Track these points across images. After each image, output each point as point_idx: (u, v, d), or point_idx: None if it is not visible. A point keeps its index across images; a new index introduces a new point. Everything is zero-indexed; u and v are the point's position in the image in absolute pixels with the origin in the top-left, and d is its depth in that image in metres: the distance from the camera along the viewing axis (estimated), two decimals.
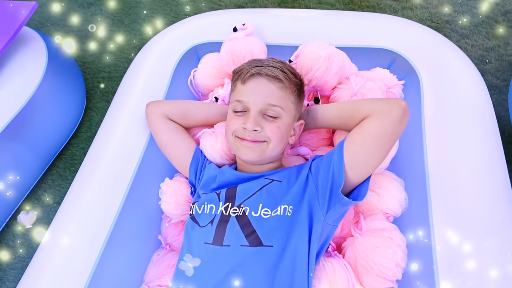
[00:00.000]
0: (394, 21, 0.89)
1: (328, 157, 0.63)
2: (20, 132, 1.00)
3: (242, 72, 0.66)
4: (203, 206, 0.65)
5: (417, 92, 0.79)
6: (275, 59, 0.68)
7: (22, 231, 1.03)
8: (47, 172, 1.11)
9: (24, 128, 0.99)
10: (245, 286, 0.54)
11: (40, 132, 1.07)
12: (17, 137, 1.00)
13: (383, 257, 0.57)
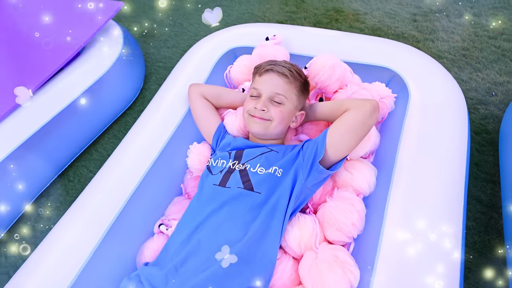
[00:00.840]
0: (399, 47, 1.07)
1: (316, 138, 0.82)
2: (92, 97, 1.30)
3: (260, 67, 0.88)
4: (217, 160, 0.87)
5: (404, 104, 0.95)
6: (287, 61, 0.90)
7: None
8: (105, 132, 1.41)
9: (96, 94, 1.29)
10: (234, 216, 0.74)
11: (106, 100, 1.37)
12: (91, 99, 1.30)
13: (343, 216, 0.74)
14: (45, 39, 1.32)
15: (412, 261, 0.66)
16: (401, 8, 1.69)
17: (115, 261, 0.85)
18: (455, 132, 0.87)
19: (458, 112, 0.91)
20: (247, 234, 0.72)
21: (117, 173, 0.93)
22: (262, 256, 0.72)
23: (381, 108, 0.97)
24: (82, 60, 1.30)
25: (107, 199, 0.88)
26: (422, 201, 0.75)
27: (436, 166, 0.81)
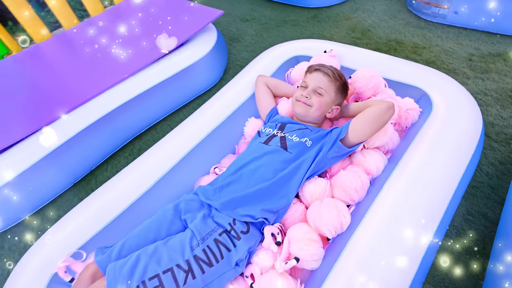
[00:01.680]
0: (432, 72, 1.26)
1: (343, 125, 1.08)
2: (188, 74, 1.72)
3: (311, 67, 1.18)
4: (266, 128, 1.17)
5: (426, 117, 1.15)
6: (332, 66, 1.18)
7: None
8: (187, 104, 1.83)
9: (190, 72, 1.71)
10: (269, 163, 1.03)
11: (195, 79, 1.79)
12: (179, 80, 1.72)
13: (349, 181, 0.97)
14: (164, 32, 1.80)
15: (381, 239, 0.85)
16: (460, 48, 1.83)
17: (180, 187, 1.20)
18: (460, 149, 1.02)
19: (470, 134, 1.06)
20: (275, 178, 1.00)
21: (190, 128, 1.29)
22: (282, 196, 0.99)
23: (406, 118, 1.18)
24: (187, 47, 1.75)
25: (181, 142, 1.24)
26: (407, 200, 0.91)
27: (429, 174, 0.96)
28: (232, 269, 0.87)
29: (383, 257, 0.80)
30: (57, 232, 1.04)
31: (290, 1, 2.62)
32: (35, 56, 1.93)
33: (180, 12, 1.94)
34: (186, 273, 0.81)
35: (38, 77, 1.75)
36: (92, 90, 1.53)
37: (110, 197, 1.11)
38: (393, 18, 2.20)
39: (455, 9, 1.88)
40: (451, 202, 0.95)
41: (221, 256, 0.86)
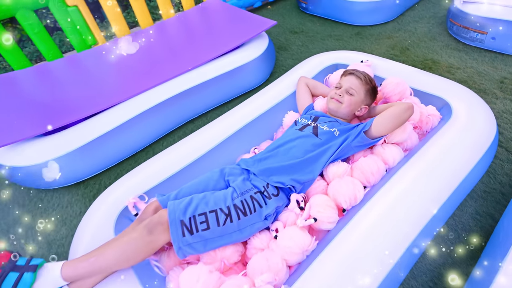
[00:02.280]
0: (456, 85, 1.41)
1: (368, 120, 1.27)
2: (234, 76, 2.01)
3: (346, 71, 1.39)
4: (302, 119, 1.40)
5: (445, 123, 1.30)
6: (365, 72, 1.38)
7: None
8: (231, 101, 2.10)
9: (242, 71, 2.00)
10: (301, 145, 1.24)
11: (245, 77, 2.07)
12: (232, 77, 2.01)
13: (367, 165, 1.16)
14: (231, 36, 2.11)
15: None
16: (493, 71, 1.93)
17: (225, 159, 1.45)
18: (470, 151, 1.17)
19: (482, 140, 1.21)
20: (304, 157, 1.21)
21: (238, 115, 1.54)
22: (308, 172, 1.20)
23: (426, 122, 1.35)
24: (243, 49, 2.04)
25: (229, 124, 1.50)
26: (415, 188, 1.07)
27: (437, 169, 1.11)
28: (262, 221, 1.09)
29: (387, 227, 0.98)
30: (126, 180, 1.33)
31: (336, 18, 2.85)
32: (117, 48, 2.33)
33: (241, 21, 2.26)
34: (226, 216, 1.04)
35: (117, 64, 2.13)
36: (158, 78, 1.86)
37: (170, 158, 1.38)
38: (432, 40, 2.34)
39: (493, 35, 1.99)
40: (452, 196, 1.10)
41: (254, 209, 1.08)
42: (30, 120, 1.68)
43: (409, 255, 0.98)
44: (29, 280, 0.90)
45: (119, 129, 1.68)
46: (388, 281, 0.92)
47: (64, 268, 0.95)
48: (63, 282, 0.94)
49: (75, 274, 0.95)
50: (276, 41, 2.70)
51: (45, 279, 0.93)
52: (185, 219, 1.00)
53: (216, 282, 0.94)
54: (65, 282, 0.95)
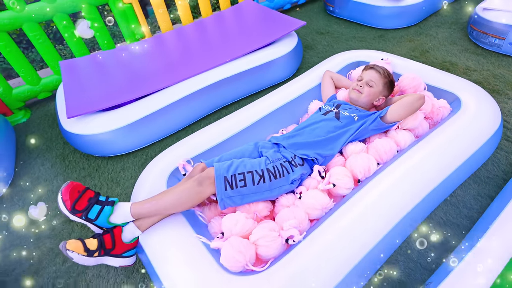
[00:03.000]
0: (466, 82, 1.58)
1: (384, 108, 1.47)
2: (265, 69, 2.25)
3: (367, 66, 1.60)
4: (326, 106, 1.61)
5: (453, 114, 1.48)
6: (384, 67, 1.58)
7: None
8: (260, 92, 2.34)
9: (273, 65, 2.24)
10: (324, 127, 1.46)
11: (271, 72, 2.30)
12: (263, 70, 2.25)
13: (381, 145, 1.36)
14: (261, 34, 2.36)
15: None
16: (509, 74, 2.07)
17: (257, 137, 1.69)
18: (470, 141, 1.35)
19: (485, 129, 1.38)
20: (327, 136, 1.43)
21: (269, 101, 1.78)
22: (329, 148, 1.42)
23: (437, 114, 1.53)
24: (274, 45, 2.29)
25: (262, 108, 1.73)
26: (421, 165, 1.29)
27: (441, 151, 1.30)
28: (289, 185, 1.32)
29: (394, 196, 1.17)
30: (174, 148, 1.59)
31: (361, 21, 3.04)
32: (162, 41, 2.63)
33: (273, 20, 2.50)
34: (260, 177, 1.28)
35: (162, 55, 2.42)
36: (198, 69, 2.12)
37: (211, 133, 1.63)
38: (452, 44, 2.48)
39: (511, 41, 2.12)
40: (453, 174, 1.29)
41: (283, 174, 1.31)
42: (94, 98, 1.99)
43: (408, 221, 1.18)
44: (108, 212, 1.17)
45: (165, 110, 1.95)
46: (388, 239, 1.12)
47: (132, 206, 1.21)
48: (131, 218, 1.21)
49: (140, 212, 1.21)
50: (303, 40, 2.92)
51: (118, 213, 1.20)
52: (228, 176, 1.24)
53: (251, 225, 1.18)
54: (132, 218, 1.21)
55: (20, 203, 1.76)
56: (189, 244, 1.14)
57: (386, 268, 1.23)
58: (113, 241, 1.18)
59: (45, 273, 1.41)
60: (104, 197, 1.21)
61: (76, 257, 1.10)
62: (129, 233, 1.21)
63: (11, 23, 2.20)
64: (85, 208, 1.15)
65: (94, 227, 1.20)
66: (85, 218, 1.15)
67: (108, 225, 1.19)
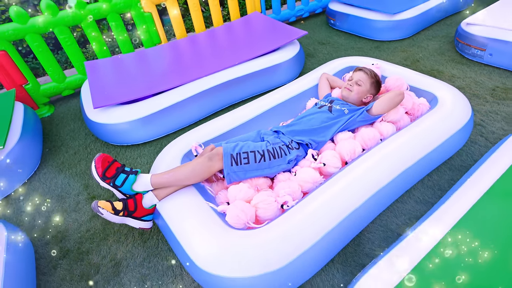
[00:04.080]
0: (443, 84, 1.81)
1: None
2: (269, 72, 2.50)
3: (357, 68, 1.83)
4: (321, 101, 1.85)
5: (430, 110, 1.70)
6: (371, 69, 1.81)
7: None
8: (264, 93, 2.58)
9: (278, 68, 2.49)
10: (318, 117, 1.69)
11: (275, 76, 2.55)
12: (267, 73, 2.50)
13: (366, 132, 1.58)
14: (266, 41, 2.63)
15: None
16: (489, 81, 2.29)
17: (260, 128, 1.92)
18: (442, 130, 1.56)
19: (456, 123, 1.60)
20: (320, 125, 1.66)
21: (272, 97, 2.02)
22: (322, 136, 1.64)
23: (417, 110, 1.75)
24: (278, 52, 2.55)
25: (265, 103, 1.97)
26: (398, 150, 1.51)
27: (417, 138, 1.53)
28: (285, 164, 1.54)
29: (374, 173, 1.39)
30: (188, 135, 1.82)
31: (360, 33, 3.30)
32: (176, 46, 2.91)
33: (278, 30, 2.78)
34: (261, 156, 1.50)
35: (176, 58, 2.69)
36: (209, 70, 2.37)
37: (219, 124, 1.86)
38: (441, 55, 2.72)
39: (490, 52, 2.36)
40: (427, 157, 1.50)
41: (281, 155, 1.53)
42: (115, 92, 2.24)
43: (386, 194, 1.38)
44: (132, 180, 1.39)
45: (177, 105, 2.19)
46: (365, 208, 1.32)
47: (152, 177, 1.43)
48: (150, 187, 1.42)
49: (159, 182, 1.42)
50: (306, 49, 3.18)
51: (140, 182, 1.42)
52: (234, 154, 1.46)
53: (252, 194, 1.39)
54: (151, 187, 1.43)
55: (47, 183, 1.99)
56: (199, 209, 1.34)
57: (365, 233, 1.43)
58: (135, 205, 1.40)
59: (71, 239, 1.62)
60: (129, 168, 1.43)
61: (105, 213, 1.32)
62: (149, 200, 1.43)
63: (45, 27, 2.49)
64: (113, 175, 1.38)
65: (119, 194, 1.42)
66: (113, 184, 1.38)
67: (131, 192, 1.41)
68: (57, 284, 1.42)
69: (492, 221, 1.13)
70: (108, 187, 1.39)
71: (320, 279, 1.30)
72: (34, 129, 2.25)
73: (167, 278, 1.39)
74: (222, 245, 1.17)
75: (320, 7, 3.97)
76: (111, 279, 1.42)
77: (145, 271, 1.43)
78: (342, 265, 1.34)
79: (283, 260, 1.12)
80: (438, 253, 1.03)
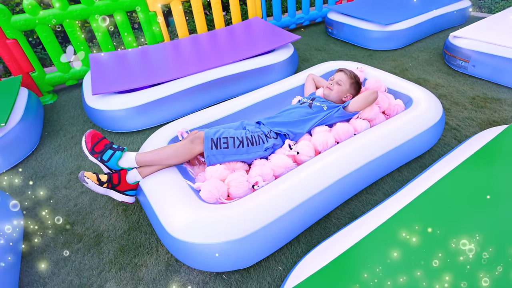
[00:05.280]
0: (418, 87, 1.91)
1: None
2: (264, 71, 2.62)
3: (339, 69, 1.94)
4: (304, 99, 1.95)
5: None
6: (351, 70, 1.92)
7: None
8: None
9: (267, 70, 2.61)
10: (298, 112, 1.79)
11: (269, 74, 2.67)
12: (262, 72, 2.62)
13: (341, 127, 1.68)
14: (259, 43, 2.77)
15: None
16: (470, 90, 2.38)
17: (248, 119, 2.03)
18: (414, 126, 1.66)
19: (427, 121, 1.69)
20: (298, 118, 1.76)
21: (261, 93, 2.14)
22: (300, 128, 1.74)
23: (393, 110, 1.85)
24: (274, 53, 2.69)
25: (255, 97, 2.09)
26: (370, 142, 1.60)
27: (389, 132, 1.63)
28: (262, 151, 1.64)
29: (344, 160, 1.49)
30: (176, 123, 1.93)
31: (355, 42, 3.43)
32: (178, 44, 3.06)
33: (274, 34, 2.92)
34: (240, 142, 1.60)
35: (177, 54, 2.84)
36: (205, 66, 2.51)
37: (207, 114, 1.98)
38: (429, 65, 2.83)
39: (473, 63, 2.46)
40: (394, 150, 1.59)
41: (258, 142, 1.63)
42: (115, 81, 2.38)
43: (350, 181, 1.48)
44: (118, 156, 1.50)
45: (172, 97, 2.33)
46: (331, 190, 1.41)
47: (137, 155, 1.54)
48: (135, 164, 1.53)
49: (143, 160, 1.53)
50: (302, 54, 3.32)
51: (126, 158, 1.52)
52: (214, 138, 1.57)
53: (227, 174, 1.49)
54: (136, 165, 1.54)
55: (43, 162, 2.12)
56: (178, 186, 1.44)
57: (332, 219, 1.52)
58: (119, 179, 1.51)
59: (59, 212, 1.73)
60: (117, 145, 1.55)
61: (90, 183, 1.43)
62: (132, 176, 1.53)
63: (55, 19, 2.66)
64: (101, 150, 1.49)
65: (105, 168, 1.53)
66: (100, 159, 1.49)
67: (117, 167, 1.52)
68: (41, 250, 1.53)
69: (435, 209, 1.21)
70: (96, 161, 1.50)
71: (284, 256, 1.38)
72: (35, 113, 2.40)
73: (143, 249, 1.49)
74: (193, 217, 1.27)
75: (320, 16, 4.12)
76: (91, 248, 1.52)
77: (124, 242, 1.53)
78: (306, 245, 1.42)
79: (247, 231, 1.21)
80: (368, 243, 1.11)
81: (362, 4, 3.77)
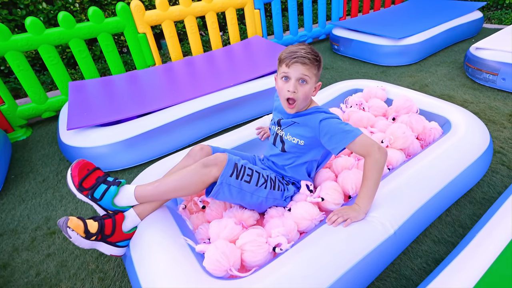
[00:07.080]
0: (456, 107, 1.59)
1: (336, 140, 1.14)
2: (263, 97, 2.31)
3: (285, 60, 1.12)
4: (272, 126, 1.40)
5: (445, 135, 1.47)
6: (305, 47, 1.13)
7: None
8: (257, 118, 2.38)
9: (268, 95, 2.30)
10: (279, 161, 1.31)
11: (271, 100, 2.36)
12: (263, 96, 2.31)
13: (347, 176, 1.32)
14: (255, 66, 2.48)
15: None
16: (504, 106, 2.08)
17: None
18: (459, 159, 1.32)
19: (474, 150, 1.36)
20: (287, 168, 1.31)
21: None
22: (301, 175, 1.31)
23: (429, 135, 1.52)
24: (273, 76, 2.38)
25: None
26: (409, 181, 1.26)
27: (428, 168, 1.27)
28: (282, 201, 1.25)
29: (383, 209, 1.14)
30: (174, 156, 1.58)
31: (365, 58, 3.17)
32: (170, 68, 2.77)
33: (276, 53, 2.63)
34: (265, 181, 1.19)
35: (169, 79, 2.53)
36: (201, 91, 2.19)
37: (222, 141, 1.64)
38: (450, 80, 2.55)
39: (503, 76, 2.17)
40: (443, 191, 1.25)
41: (280, 189, 1.23)
42: (95, 113, 2.05)
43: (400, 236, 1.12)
44: (113, 192, 1.11)
45: (163, 128, 1.98)
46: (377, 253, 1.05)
47: (136, 189, 1.15)
48: (134, 200, 1.14)
49: (144, 194, 1.14)
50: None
51: (123, 195, 1.13)
52: (238, 164, 1.16)
53: (239, 231, 1.12)
54: (135, 201, 1.14)
55: (3, 216, 1.73)
56: (174, 246, 1.07)
57: (376, 283, 1.15)
58: (114, 228, 1.11)
59: (15, 286, 1.34)
60: (112, 178, 1.16)
61: (74, 237, 1.03)
62: (131, 222, 1.16)
63: (28, 44, 2.35)
64: (92, 186, 1.10)
65: (99, 209, 1.14)
66: (91, 197, 1.10)
67: (113, 207, 1.13)
68: None
69: None
70: (86, 200, 1.11)
71: None
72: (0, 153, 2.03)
73: None
74: None
75: (324, 33, 3.90)
76: None
77: None
78: None
79: None
80: None
81: (369, 19, 3.55)
